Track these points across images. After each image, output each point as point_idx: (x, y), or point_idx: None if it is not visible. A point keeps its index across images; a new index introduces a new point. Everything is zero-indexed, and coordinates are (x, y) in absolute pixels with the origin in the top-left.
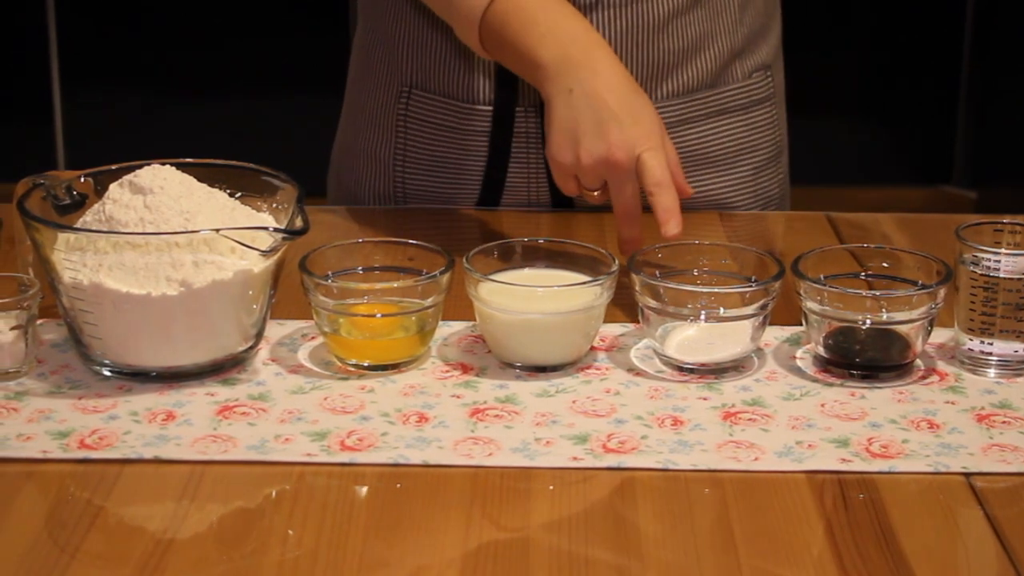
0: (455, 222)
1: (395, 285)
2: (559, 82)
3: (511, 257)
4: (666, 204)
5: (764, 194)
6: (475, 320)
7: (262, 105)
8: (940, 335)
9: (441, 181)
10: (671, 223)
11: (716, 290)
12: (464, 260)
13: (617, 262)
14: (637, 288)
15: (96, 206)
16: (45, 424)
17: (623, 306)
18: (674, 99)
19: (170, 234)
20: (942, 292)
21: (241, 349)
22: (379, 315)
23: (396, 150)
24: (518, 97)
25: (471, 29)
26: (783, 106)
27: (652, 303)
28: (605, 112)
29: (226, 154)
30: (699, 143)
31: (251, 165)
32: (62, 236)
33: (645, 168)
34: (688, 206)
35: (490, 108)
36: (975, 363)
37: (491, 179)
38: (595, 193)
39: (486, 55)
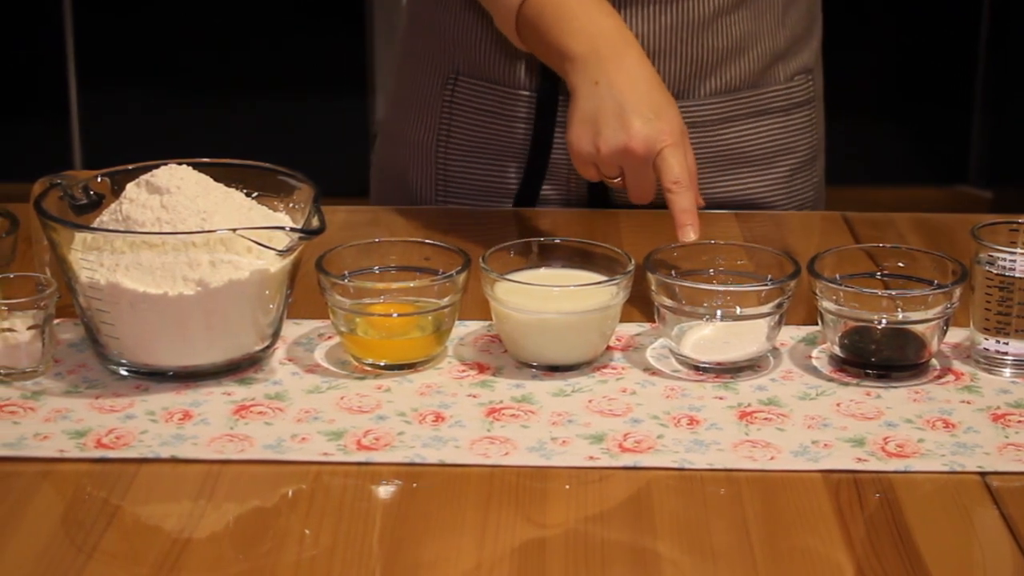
0: (472, 222)
1: (412, 285)
2: (586, 74)
3: (527, 256)
4: (684, 205)
5: (799, 196)
6: (491, 320)
7: (279, 105)
8: (956, 335)
9: (483, 168)
10: (688, 229)
11: (732, 289)
12: (480, 259)
13: (633, 262)
14: (653, 287)
15: (113, 206)
16: (62, 423)
17: (639, 306)
18: (715, 97)
19: (187, 234)
20: (958, 292)
21: (258, 348)
22: (396, 315)
23: (439, 137)
24: (561, 84)
25: (509, 19)
26: (822, 110)
27: (668, 302)
28: (628, 105)
29: (243, 154)
30: (738, 142)
31: (267, 165)
32: (79, 236)
33: (665, 164)
34: (723, 204)
35: (534, 95)
36: (991, 363)
37: (533, 166)
38: (615, 181)
39: (522, 46)
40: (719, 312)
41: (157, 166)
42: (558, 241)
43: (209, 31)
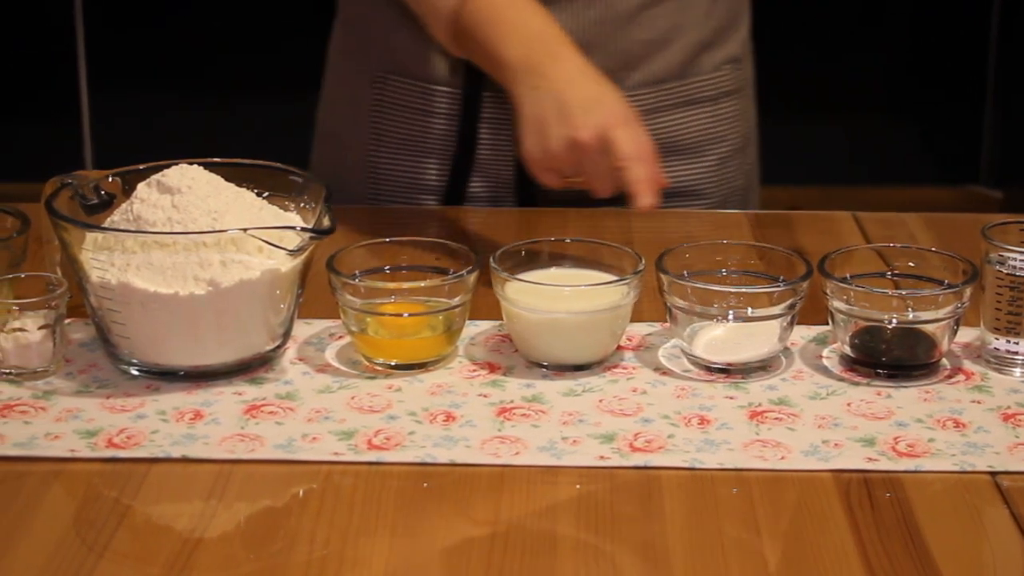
0: (482, 221)
1: (422, 284)
2: (525, 81)
3: (538, 256)
4: (637, 175)
5: (729, 184)
6: (502, 319)
7: (289, 105)
8: (966, 334)
9: (411, 165)
10: (643, 195)
11: (744, 290)
12: (491, 259)
13: (644, 261)
14: (665, 287)
15: (124, 206)
16: (73, 423)
17: (651, 306)
18: (643, 88)
19: (198, 233)
20: (968, 291)
21: (268, 348)
22: (406, 314)
23: (371, 135)
24: (485, 80)
25: (443, 29)
26: (752, 99)
27: (680, 303)
28: (568, 101)
29: (253, 154)
30: (667, 132)
31: (278, 165)
32: (90, 235)
33: (614, 144)
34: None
35: (459, 91)
36: (1001, 362)
37: (460, 162)
38: (578, 180)
39: (458, 53)
40: (731, 313)
41: (168, 166)
42: (569, 241)
43: (219, 32)
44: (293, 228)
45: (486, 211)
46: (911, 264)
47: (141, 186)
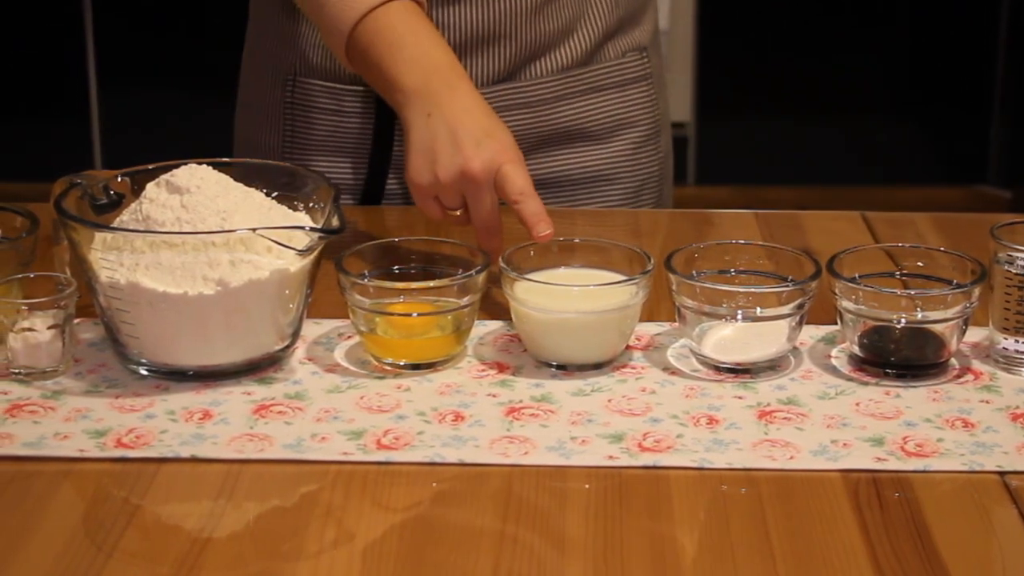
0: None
1: (431, 284)
2: (418, 107)
3: (547, 256)
4: (533, 209)
5: (643, 170)
6: (511, 319)
7: None
8: (975, 334)
9: (327, 167)
10: (541, 224)
11: (753, 290)
12: (500, 259)
13: (653, 261)
14: (674, 287)
15: (133, 205)
16: (82, 423)
17: (660, 305)
18: (547, 77)
19: (207, 233)
20: (977, 291)
21: (277, 348)
22: (415, 314)
23: (284, 139)
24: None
25: (339, 41)
26: (663, 88)
27: (689, 302)
28: (462, 132)
29: None
30: (574, 119)
31: (287, 164)
32: (99, 235)
33: (506, 179)
34: (569, 179)
35: (371, 91)
36: (1010, 362)
37: (376, 162)
38: (457, 213)
39: (351, 68)
40: (740, 313)
41: (177, 166)
42: (577, 241)
43: (229, 32)
44: (302, 228)
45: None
46: (920, 264)
47: (150, 186)
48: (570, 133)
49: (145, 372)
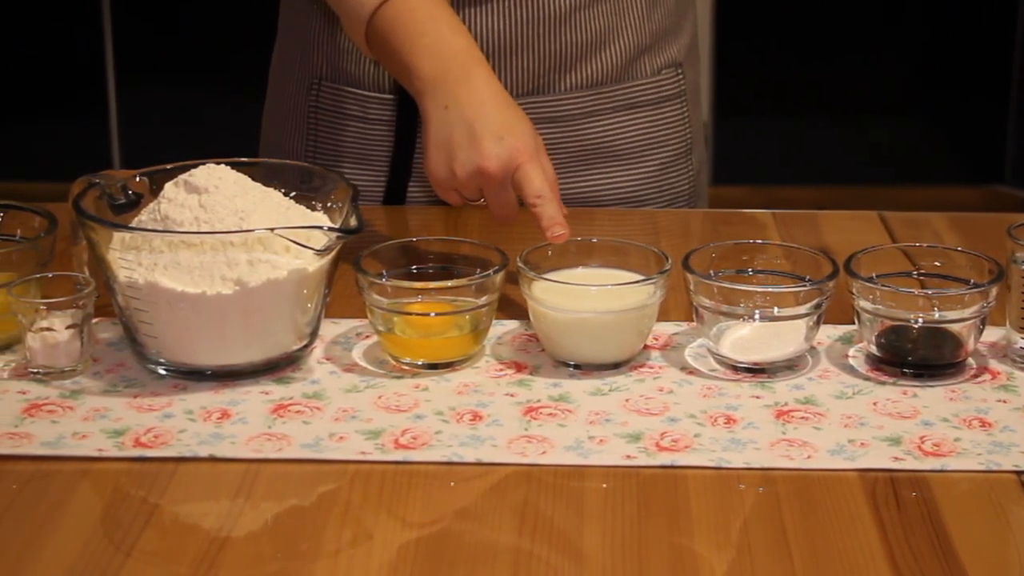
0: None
1: (449, 284)
2: (436, 97)
3: (565, 256)
4: (550, 214)
5: (672, 190)
6: (528, 319)
7: None
8: (992, 334)
9: (350, 172)
10: (556, 227)
11: (770, 289)
12: (518, 259)
13: (670, 261)
14: (692, 287)
15: (151, 205)
16: (101, 422)
17: (678, 305)
18: (578, 92)
19: (225, 233)
20: (994, 291)
21: (296, 348)
22: (433, 314)
23: (308, 143)
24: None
25: (358, 28)
26: (697, 105)
27: (706, 302)
28: (479, 126)
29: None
30: (604, 137)
31: (305, 164)
32: (117, 235)
33: (525, 181)
34: (594, 201)
35: (395, 96)
36: None
37: (398, 167)
38: (479, 201)
39: (370, 55)
40: (757, 312)
41: (195, 165)
42: (595, 240)
43: (247, 32)
44: (320, 228)
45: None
46: (937, 264)
47: (168, 186)
48: (598, 151)
49: (163, 372)
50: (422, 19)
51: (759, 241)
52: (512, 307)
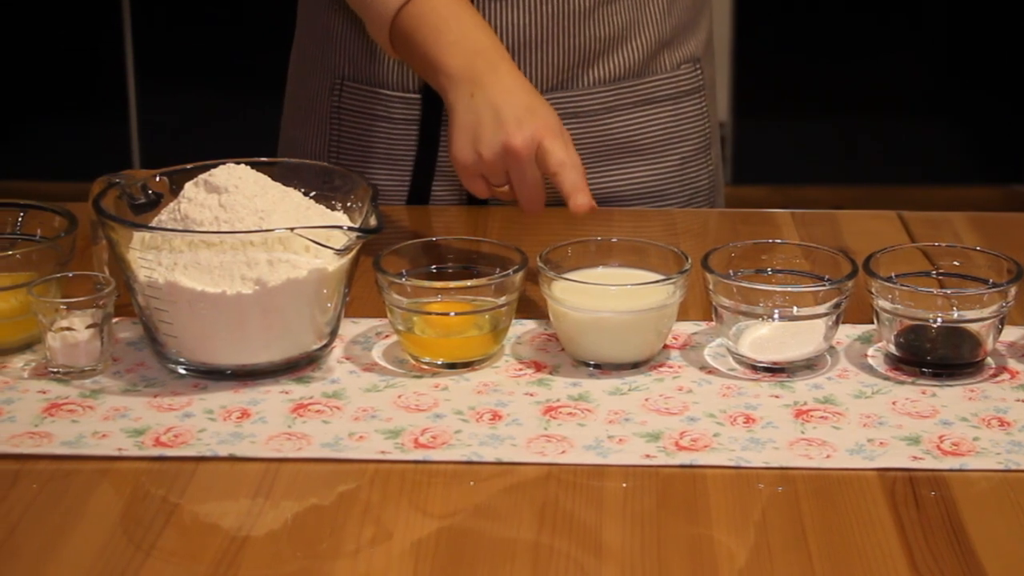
0: (528, 220)
1: (469, 284)
2: (461, 89)
3: (585, 255)
4: (571, 181)
5: (692, 185)
6: (548, 318)
7: None
8: (1011, 333)
9: (374, 171)
10: (578, 195)
11: (789, 289)
12: (538, 258)
13: (690, 261)
14: (711, 287)
15: (171, 205)
16: (121, 422)
17: (696, 304)
18: (600, 87)
19: (245, 233)
20: (1013, 290)
21: (315, 347)
22: (453, 313)
23: (331, 143)
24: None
25: (383, 29)
26: (714, 99)
27: (725, 302)
28: (505, 108)
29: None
30: (626, 131)
31: (325, 164)
32: (138, 235)
33: (546, 152)
34: (616, 197)
35: (419, 96)
36: None
37: (422, 166)
38: (504, 188)
39: (394, 55)
40: (776, 312)
41: (215, 165)
42: (615, 240)
43: (267, 31)
44: (340, 227)
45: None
46: (956, 263)
47: (188, 185)
48: (620, 146)
49: (183, 371)
50: (446, 17)
51: (778, 241)
52: (531, 307)
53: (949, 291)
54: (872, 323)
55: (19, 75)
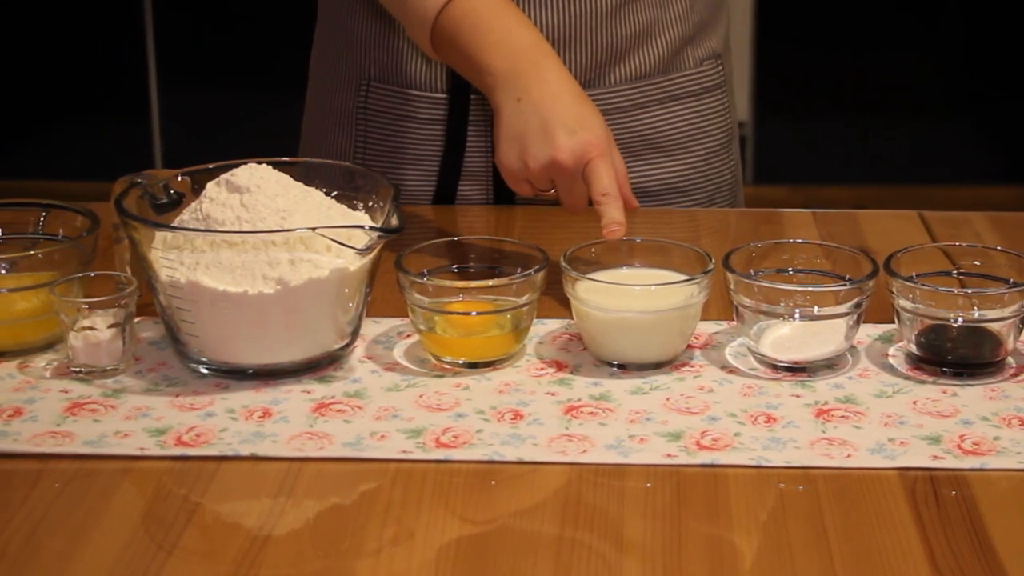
0: (552, 219)
1: (490, 283)
2: (508, 91)
3: (608, 255)
4: (612, 215)
5: (715, 180)
6: (569, 318)
7: None
8: None
9: (400, 172)
10: (613, 227)
11: (811, 289)
12: (562, 258)
13: (714, 261)
14: (732, 286)
15: (193, 205)
16: (143, 421)
17: (718, 304)
18: (626, 84)
19: (267, 232)
20: None
21: (337, 347)
22: (474, 313)
23: (356, 143)
24: (472, 84)
25: (423, 31)
26: (734, 95)
27: (747, 301)
28: (552, 118)
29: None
30: (651, 128)
31: (347, 164)
32: (159, 234)
33: (594, 176)
34: (641, 192)
35: (445, 96)
36: None
37: (449, 167)
38: (550, 192)
39: (436, 57)
40: (797, 312)
41: (237, 165)
42: (639, 240)
43: (288, 31)
44: (362, 227)
45: (546, 209)
46: (977, 263)
47: (210, 185)
48: (645, 143)
49: (205, 371)
50: (488, 16)
51: (799, 240)
52: (553, 306)
53: (970, 291)
54: (893, 323)
55: (42, 75)
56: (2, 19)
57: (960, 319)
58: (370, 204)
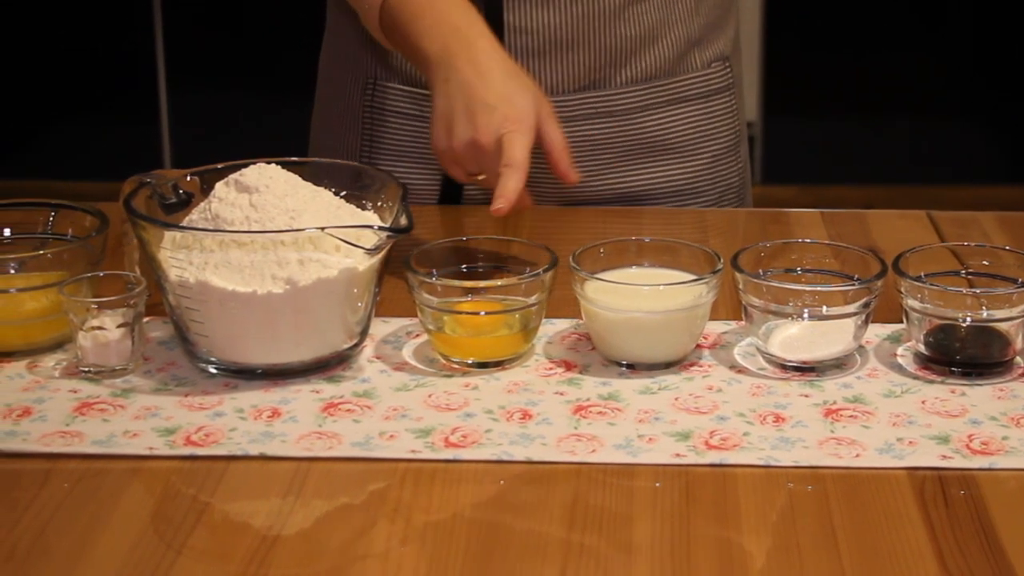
0: (560, 219)
1: (499, 283)
2: (439, 72)
3: (617, 255)
4: (507, 185)
5: (723, 182)
6: (577, 318)
7: None
8: None
9: (407, 170)
10: (499, 200)
11: (819, 288)
12: (571, 258)
13: (722, 261)
14: (741, 286)
15: (202, 204)
16: (151, 421)
17: (726, 303)
18: (632, 86)
19: (276, 232)
20: None
21: (346, 346)
22: (483, 313)
23: (363, 142)
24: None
25: (373, 19)
26: (742, 97)
27: (755, 301)
28: (476, 98)
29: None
30: (657, 130)
31: (355, 163)
32: (168, 234)
33: (504, 147)
34: (649, 195)
35: None
36: None
37: None
38: (480, 177)
39: (388, 45)
40: (806, 311)
41: (246, 165)
42: (648, 240)
43: (297, 32)
44: (371, 227)
45: (565, 211)
46: (985, 263)
47: (219, 185)
48: (652, 145)
49: (214, 370)
50: (424, 1)
51: (808, 240)
52: (561, 306)
53: (978, 290)
54: (901, 322)
55: (51, 75)
56: (12, 19)
57: (968, 319)
58: (379, 204)
